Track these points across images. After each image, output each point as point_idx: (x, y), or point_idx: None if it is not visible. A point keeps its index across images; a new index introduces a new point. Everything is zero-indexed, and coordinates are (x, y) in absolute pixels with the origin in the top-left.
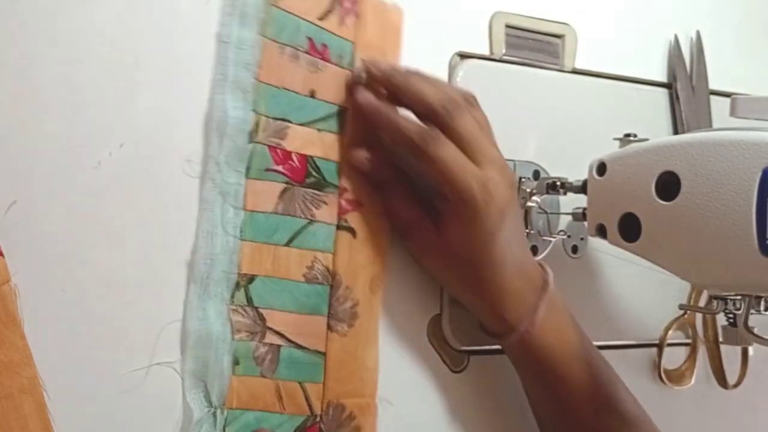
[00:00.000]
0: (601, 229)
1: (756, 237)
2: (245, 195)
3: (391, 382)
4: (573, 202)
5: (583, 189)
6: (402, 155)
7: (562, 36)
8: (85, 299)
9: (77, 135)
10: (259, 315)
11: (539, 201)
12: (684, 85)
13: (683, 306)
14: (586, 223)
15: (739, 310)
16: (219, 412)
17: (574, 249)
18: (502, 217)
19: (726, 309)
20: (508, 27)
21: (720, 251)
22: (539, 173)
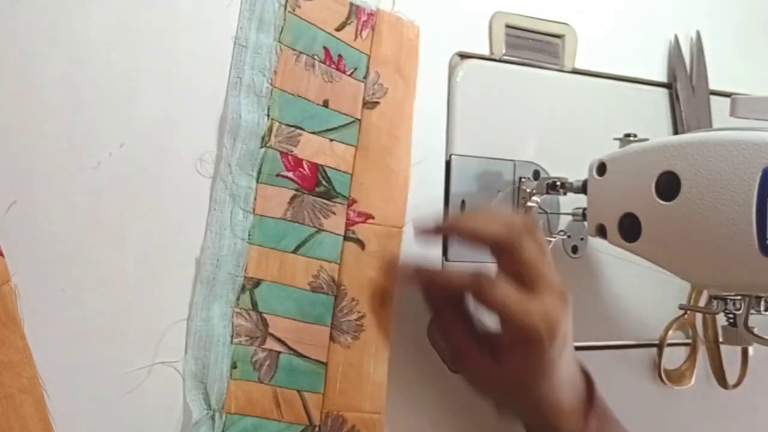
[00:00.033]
0: (601, 229)
1: (756, 237)
2: (255, 199)
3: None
4: (573, 202)
5: (583, 189)
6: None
7: (562, 36)
8: (85, 299)
9: (77, 135)
10: (263, 320)
11: (539, 201)
12: (684, 85)
13: (683, 306)
14: (586, 223)
15: (739, 310)
16: (218, 415)
17: (574, 249)
18: (564, 344)
19: (726, 309)
20: (508, 27)
21: (720, 251)
22: (539, 173)
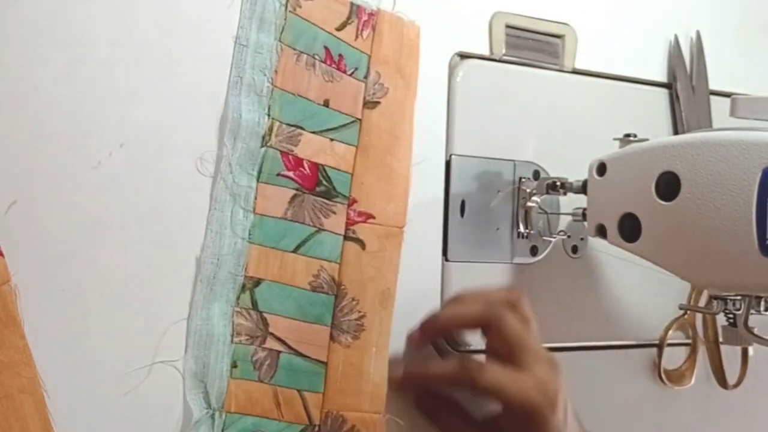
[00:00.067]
0: (601, 229)
1: (756, 237)
2: (255, 198)
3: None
4: (573, 202)
5: (583, 189)
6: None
7: (562, 36)
8: (85, 299)
9: (77, 135)
10: (263, 319)
11: (539, 201)
12: (684, 85)
13: (683, 306)
14: (586, 223)
15: (739, 310)
16: (218, 414)
17: (574, 249)
18: (564, 410)
19: (726, 309)
20: (508, 27)
21: (720, 251)
22: (539, 173)
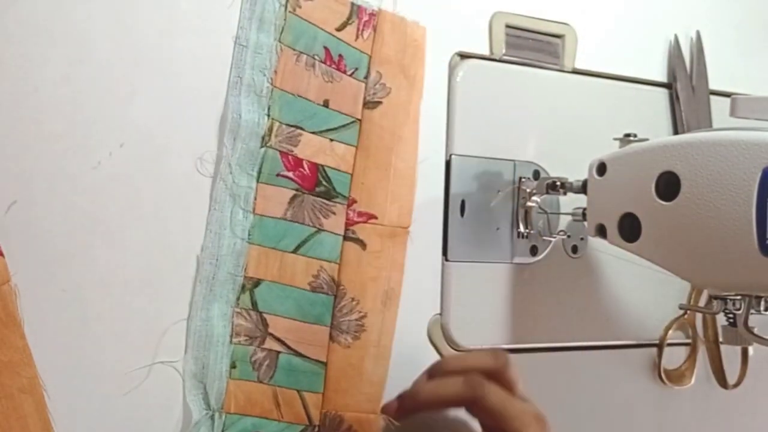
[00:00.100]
0: (601, 229)
1: (756, 237)
2: (255, 198)
3: (391, 381)
4: (573, 202)
5: (583, 189)
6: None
7: (562, 36)
8: (85, 299)
9: (77, 135)
10: (263, 320)
11: (539, 201)
12: (684, 85)
13: (683, 306)
14: (586, 223)
15: (739, 310)
16: (217, 415)
17: (574, 249)
18: None
19: (726, 309)
20: (508, 27)
21: (720, 251)
22: (539, 173)
